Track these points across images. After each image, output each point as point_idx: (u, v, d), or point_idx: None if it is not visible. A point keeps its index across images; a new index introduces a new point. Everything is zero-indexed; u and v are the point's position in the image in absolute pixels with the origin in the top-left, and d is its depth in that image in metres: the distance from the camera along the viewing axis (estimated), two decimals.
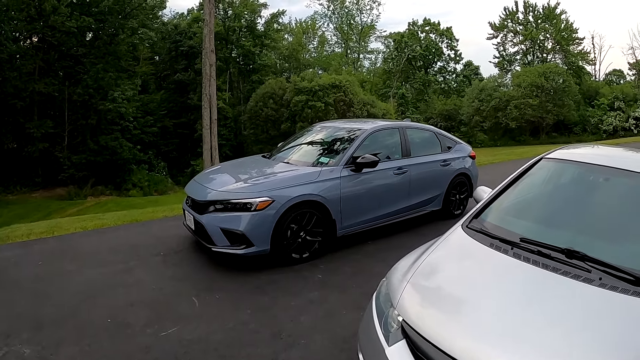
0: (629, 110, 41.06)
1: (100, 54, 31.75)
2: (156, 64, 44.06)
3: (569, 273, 2.40)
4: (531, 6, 52.50)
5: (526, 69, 46.70)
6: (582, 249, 2.52)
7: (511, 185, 3.54)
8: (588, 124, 42.79)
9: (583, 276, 2.36)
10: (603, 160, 3.49)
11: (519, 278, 2.48)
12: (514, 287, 2.43)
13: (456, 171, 7.30)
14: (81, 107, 31.25)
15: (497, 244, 2.79)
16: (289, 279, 4.79)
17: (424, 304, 2.49)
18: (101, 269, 5.06)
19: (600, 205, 3.32)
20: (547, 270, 2.45)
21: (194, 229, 5.39)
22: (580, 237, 2.90)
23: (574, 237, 2.91)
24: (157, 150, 38.68)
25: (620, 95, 42.36)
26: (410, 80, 55.86)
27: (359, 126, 6.53)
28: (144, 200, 28.47)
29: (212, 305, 4.16)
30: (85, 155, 30.98)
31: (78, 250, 5.80)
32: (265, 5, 46.72)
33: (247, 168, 6.28)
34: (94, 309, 4.08)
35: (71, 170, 30.41)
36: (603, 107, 42.55)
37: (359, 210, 5.77)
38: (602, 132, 40.83)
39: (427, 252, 2.91)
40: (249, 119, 39.71)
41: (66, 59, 30.92)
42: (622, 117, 40.97)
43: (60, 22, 27.99)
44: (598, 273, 2.35)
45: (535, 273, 2.47)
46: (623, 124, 40.52)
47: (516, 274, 2.51)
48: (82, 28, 29.68)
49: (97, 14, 30.33)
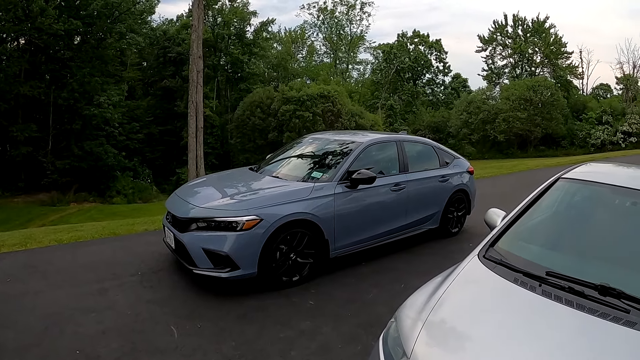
0: (617, 124, 41.29)
1: (87, 57, 31.30)
2: (143, 70, 43.57)
3: (607, 315, 2.08)
4: (520, 20, 52.84)
5: (515, 82, 46.92)
6: (617, 284, 2.22)
7: (528, 208, 3.20)
8: (576, 137, 42.96)
9: (623, 318, 2.05)
10: (627, 181, 3.14)
11: (555, 323, 2.13)
12: (551, 336, 2.05)
13: (455, 187, 6.96)
14: (66, 111, 30.76)
15: (522, 279, 2.45)
16: (277, 305, 4.38)
17: (444, 356, 2.11)
18: (73, 289, 4.64)
19: (631, 233, 2.95)
20: (583, 312, 2.12)
21: (175, 248, 4.95)
22: (613, 270, 2.61)
23: (605, 270, 2.62)
24: (143, 158, 38.19)
25: (609, 109, 42.64)
26: (398, 91, 55.86)
27: (353, 138, 6.16)
28: (127, 208, 27.94)
29: (193, 336, 3.74)
30: (69, 161, 30.45)
31: (50, 266, 5.36)
32: (255, 13, 46.58)
33: (234, 182, 5.85)
34: (61, 337, 3.66)
35: (54, 176, 29.84)
36: (591, 120, 42.79)
37: (353, 229, 5.37)
38: (590, 146, 40.98)
39: (442, 289, 2.51)
40: (236, 128, 39.36)
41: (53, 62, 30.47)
42: (610, 131, 41.18)
43: (47, 24, 27.51)
44: (638, 313, 2.06)
45: (570, 316, 2.13)
46: (611, 138, 40.72)
47: (551, 319, 2.16)
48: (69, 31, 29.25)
49: (85, 17, 29.91)
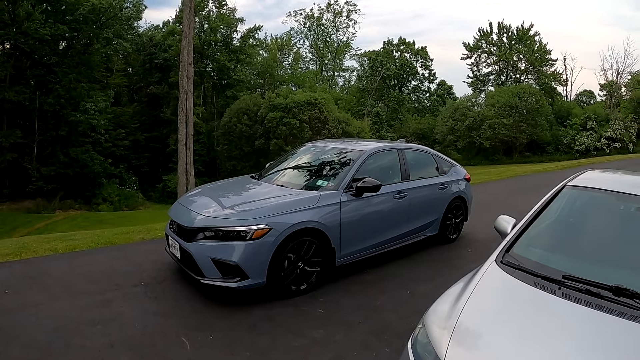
0: (601, 130, 41.86)
1: (73, 63, 30.98)
2: (129, 76, 43.25)
3: (624, 314, 2.22)
4: (505, 27, 53.44)
5: (500, 89, 47.42)
6: (630, 285, 2.38)
7: (538, 215, 3.32)
8: (560, 143, 43.49)
9: (639, 316, 2.20)
10: (631, 188, 3.32)
11: (579, 323, 2.27)
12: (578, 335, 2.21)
13: (453, 194, 7.01)
14: (52, 117, 30.36)
15: (541, 282, 2.58)
16: (287, 314, 4.36)
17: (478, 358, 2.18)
18: (75, 300, 4.55)
19: (638, 237, 3.14)
20: (602, 312, 2.26)
21: (180, 258, 4.90)
22: (625, 273, 2.76)
23: (617, 272, 2.77)
24: (128, 164, 37.90)
25: (593, 116, 43.22)
26: (384, 98, 56.11)
27: (354, 147, 6.18)
28: (114, 216, 27.69)
29: (205, 347, 3.69)
30: (54, 168, 30.06)
31: (49, 277, 5.24)
32: (242, 20, 46.54)
33: (238, 190, 5.80)
34: (68, 351, 3.58)
35: (40, 183, 29.43)
36: (575, 127, 43.33)
37: (359, 237, 5.38)
38: (575, 152, 41.48)
39: (466, 294, 2.58)
40: (223, 135, 39.21)
41: (38, 67, 30.10)
42: (594, 137, 41.73)
43: (33, 29, 27.17)
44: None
45: (591, 316, 2.27)
46: (595, 144, 41.27)
47: (574, 319, 2.29)
48: (55, 36, 28.92)
49: (71, 22, 29.61)
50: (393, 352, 3.67)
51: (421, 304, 4.59)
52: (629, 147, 40.32)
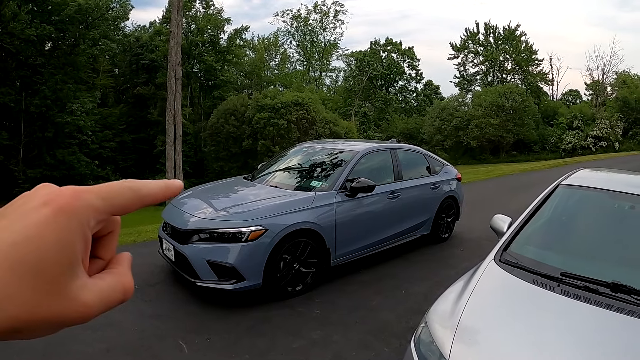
0: (587, 129, 42.17)
1: (60, 64, 30.57)
2: (116, 77, 42.83)
3: (623, 309, 2.26)
4: (492, 28, 53.67)
5: (487, 89, 47.58)
6: (626, 282, 2.42)
7: (534, 214, 3.37)
8: (547, 142, 43.73)
9: (637, 311, 2.23)
10: (624, 187, 3.40)
11: (579, 319, 2.31)
12: (579, 331, 2.26)
13: (445, 194, 7.05)
14: (38, 118, 29.93)
15: (540, 280, 2.62)
16: (284, 315, 4.36)
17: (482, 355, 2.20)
18: None
19: (632, 235, 3.20)
20: (601, 308, 2.30)
21: (174, 260, 4.86)
22: (620, 269, 2.83)
23: (613, 269, 2.83)
24: (115, 166, 37.51)
25: (579, 115, 43.52)
26: (371, 98, 56.11)
27: (347, 147, 6.21)
28: None
29: (204, 350, 3.68)
30: (41, 170, 29.64)
31: None
32: (229, 20, 46.23)
33: (231, 192, 5.78)
34: (65, 357, 3.55)
35: (26, 185, 28.89)
36: (562, 126, 43.63)
37: (353, 237, 5.40)
38: (562, 151, 41.73)
39: (467, 293, 2.60)
40: (210, 136, 38.96)
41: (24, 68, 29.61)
42: (580, 135, 42.03)
43: (19, 29, 26.77)
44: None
45: (591, 312, 2.30)
46: (582, 143, 41.57)
47: (575, 315, 2.33)
48: (41, 36, 28.49)
49: (57, 22, 29.17)
50: (392, 352, 3.69)
51: (417, 303, 4.64)
52: (615, 145, 40.69)
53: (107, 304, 0.40)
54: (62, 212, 0.36)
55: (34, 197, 0.38)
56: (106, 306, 0.40)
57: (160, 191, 0.45)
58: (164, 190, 0.45)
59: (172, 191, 0.46)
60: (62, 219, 0.36)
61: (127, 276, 0.43)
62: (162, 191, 0.45)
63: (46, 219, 0.36)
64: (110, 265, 0.44)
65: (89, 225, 0.38)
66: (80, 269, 0.38)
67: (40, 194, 0.38)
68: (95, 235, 0.42)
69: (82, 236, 0.37)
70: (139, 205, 0.42)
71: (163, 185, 0.45)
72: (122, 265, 0.44)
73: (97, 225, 0.40)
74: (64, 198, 0.37)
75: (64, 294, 0.36)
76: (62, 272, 0.36)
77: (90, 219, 0.38)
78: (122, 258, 0.45)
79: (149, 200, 0.43)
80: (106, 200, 0.40)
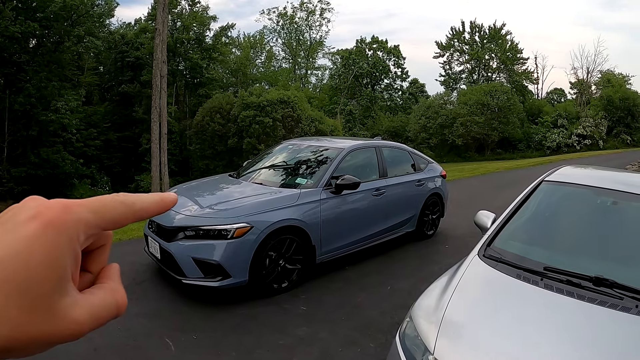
0: (571, 127, 42.57)
1: (44, 61, 30.13)
2: (101, 75, 42.41)
3: (605, 303, 2.31)
4: (477, 26, 53.95)
5: (472, 88, 47.83)
6: (609, 275, 2.47)
7: (517, 210, 3.41)
8: (532, 140, 44.08)
9: (619, 305, 2.29)
10: (606, 183, 3.45)
11: (562, 313, 2.35)
12: (562, 324, 2.28)
13: (430, 191, 7.10)
14: (22, 117, 29.45)
15: (523, 274, 2.66)
16: (270, 312, 4.37)
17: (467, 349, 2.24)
18: None
19: (614, 230, 3.27)
20: (584, 302, 2.35)
21: (160, 258, 4.85)
22: (603, 264, 2.85)
23: (595, 263, 2.86)
24: (100, 165, 37.18)
25: (563, 113, 43.90)
26: (357, 97, 56.15)
27: (332, 145, 6.23)
28: None
29: (191, 348, 3.67)
30: (25, 169, 29.20)
31: None
32: (215, 18, 45.99)
33: (217, 189, 5.79)
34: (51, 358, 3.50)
35: (10, 184, 28.57)
36: (546, 124, 44.00)
37: (338, 234, 5.42)
38: (546, 149, 42.08)
39: (451, 288, 2.64)
40: (195, 134, 38.73)
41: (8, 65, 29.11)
42: (565, 134, 42.40)
43: (3, 26, 26.32)
44: (631, 301, 2.30)
45: (574, 305, 2.35)
46: (566, 141, 41.93)
47: (558, 309, 2.37)
48: (26, 34, 28.01)
49: (42, 19, 28.66)
50: (378, 347, 3.72)
51: (402, 299, 4.67)
52: (599, 144, 41.15)
53: (98, 320, 0.39)
54: (51, 226, 0.35)
55: (22, 210, 0.36)
56: (98, 322, 0.38)
57: (154, 205, 0.44)
58: (158, 204, 0.44)
59: (166, 205, 0.45)
60: (51, 233, 0.35)
61: (120, 291, 0.43)
62: (157, 205, 0.44)
63: (35, 233, 0.35)
64: (100, 279, 0.44)
65: (78, 240, 0.37)
66: (70, 286, 0.36)
67: (28, 206, 0.37)
68: (86, 250, 0.42)
69: (71, 251, 0.36)
70: (131, 219, 0.42)
71: (158, 199, 0.45)
72: (112, 280, 0.44)
73: (88, 240, 0.39)
74: (53, 212, 0.36)
75: (53, 312, 0.35)
76: (51, 289, 0.35)
77: (81, 233, 0.37)
78: (112, 271, 0.45)
79: (142, 215, 0.43)
80: (97, 214, 0.39)
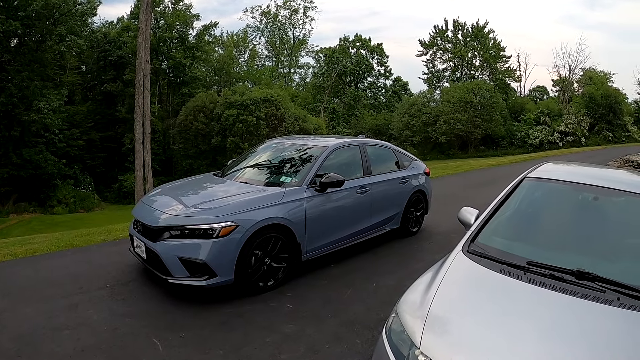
0: (554, 124, 43.10)
1: (26, 61, 29.77)
2: (83, 74, 42.04)
3: (587, 296, 2.39)
4: (460, 25, 54.36)
5: (455, 85, 48.19)
6: (591, 269, 2.56)
7: (500, 206, 3.48)
8: (515, 138, 44.54)
9: (601, 297, 2.36)
10: (587, 179, 3.54)
11: (545, 306, 2.40)
12: (545, 317, 2.33)
13: (414, 188, 7.17)
14: (4, 117, 29.08)
15: (507, 269, 2.73)
16: (256, 310, 4.39)
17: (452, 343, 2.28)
18: (40, 305, 4.43)
19: (595, 225, 3.34)
20: (567, 295, 2.42)
21: (146, 258, 4.86)
22: (584, 258, 2.91)
23: (577, 257, 2.90)
24: (83, 165, 36.92)
25: (546, 110, 44.45)
26: (340, 95, 56.25)
27: (317, 143, 6.26)
28: (70, 218, 26.99)
29: (178, 347, 3.68)
30: (7, 170, 28.91)
31: (10, 282, 5.08)
32: (198, 16, 45.81)
33: (201, 188, 5.78)
34: (38, 358, 3.49)
35: None
36: (529, 121, 44.50)
37: (323, 232, 5.46)
38: (529, 146, 42.56)
39: (436, 283, 2.69)
40: (179, 133, 38.63)
41: None
42: (547, 131, 42.92)
43: None
44: (613, 293, 2.39)
45: (557, 298, 2.42)
46: (549, 138, 42.45)
47: (541, 302, 2.43)
48: (7, 32, 27.67)
49: (24, 18, 28.25)
50: (364, 343, 3.76)
51: (387, 296, 4.73)
52: (582, 140, 41.70)
53: None
54: None
55: None
56: None
57: None
58: None
59: None
60: None
61: None
62: None
63: None
64: None
65: None
66: None
67: None
68: None
69: None
70: None
71: None
72: None
73: None
74: None
75: None
76: None
77: None
78: None
79: None
80: None
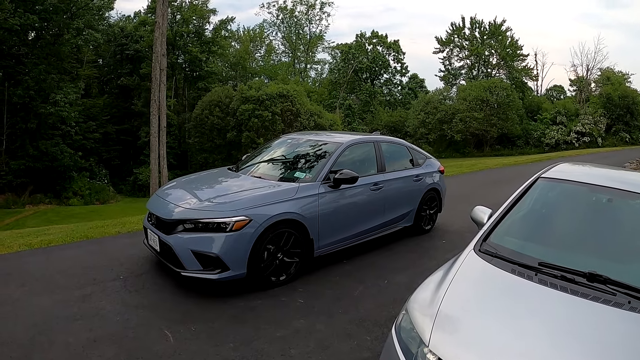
0: (570, 124, 42.65)
1: (43, 54, 30.01)
2: (100, 68, 42.29)
3: (598, 298, 2.35)
4: (477, 22, 53.85)
5: (471, 83, 47.75)
6: (602, 272, 2.51)
7: (513, 206, 3.45)
8: (531, 137, 44.13)
9: (612, 300, 2.33)
10: (601, 180, 3.48)
11: (555, 307, 2.38)
12: (554, 318, 2.30)
13: (428, 186, 7.14)
14: (21, 109, 29.38)
15: (518, 269, 2.70)
16: (268, 305, 4.40)
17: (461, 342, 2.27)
18: (54, 295, 4.50)
19: (609, 227, 3.28)
20: (577, 297, 2.39)
21: (159, 251, 4.90)
22: (597, 260, 2.88)
23: (589, 260, 2.88)
24: (99, 157, 37.20)
25: (563, 110, 43.97)
26: (356, 91, 56.06)
27: (331, 139, 6.24)
28: (85, 210, 27.23)
29: (189, 339, 3.71)
30: (24, 161, 29.20)
31: (25, 272, 5.16)
32: (215, 11, 45.88)
33: (216, 182, 5.80)
34: (51, 348, 3.54)
35: (9, 177, 28.67)
36: (545, 121, 44.06)
37: (336, 228, 5.46)
38: (545, 146, 42.17)
39: (447, 281, 2.68)
40: (194, 127, 38.73)
41: (7, 58, 28.97)
42: (564, 131, 42.49)
43: (2, 18, 26.16)
44: (624, 297, 2.35)
45: (567, 300, 2.39)
46: (565, 138, 42.04)
47: (551, 303, 2.41)
48: (25, 26, 27.84)
49: (41, 11, 28.43)
50: (374, 340, 3.76)
51: (399, 292, 4.72)
52: (598, 141, 41.24)
53: None
54: None
55: None
56: None
57: None
58: None
59: None
60: None
61: None
62: None
63: None
64: None
65: None
66: None
67: None
68: None
69: None
70: None
71: None
72: None
73: None
74: None
75: None
76: None
77: None
78: None
79: None
80: None
